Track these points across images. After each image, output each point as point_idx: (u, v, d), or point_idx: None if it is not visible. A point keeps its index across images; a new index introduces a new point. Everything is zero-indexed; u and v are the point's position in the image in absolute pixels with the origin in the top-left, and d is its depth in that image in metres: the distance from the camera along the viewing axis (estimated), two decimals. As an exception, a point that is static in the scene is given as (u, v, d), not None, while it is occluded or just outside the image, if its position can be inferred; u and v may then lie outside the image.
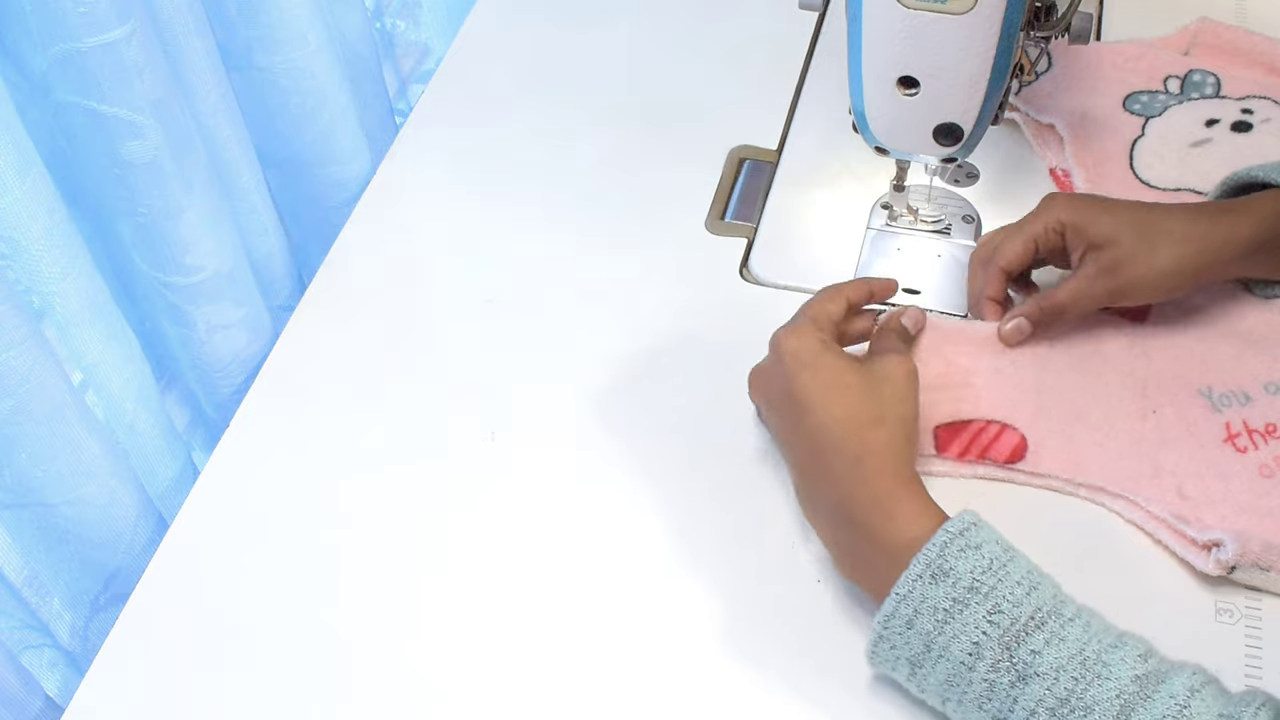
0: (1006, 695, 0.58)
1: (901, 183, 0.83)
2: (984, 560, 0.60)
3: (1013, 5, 0.69)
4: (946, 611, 0.59)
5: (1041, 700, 0.57)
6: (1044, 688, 0.57)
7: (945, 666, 0.59)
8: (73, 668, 0.77)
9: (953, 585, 0.59)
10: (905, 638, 0.60)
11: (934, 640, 0.59)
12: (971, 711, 0.59)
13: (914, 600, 0.60)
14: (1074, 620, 0.59)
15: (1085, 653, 0.57)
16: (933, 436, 0.73)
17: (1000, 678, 0.58)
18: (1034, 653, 0.58)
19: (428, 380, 0.80)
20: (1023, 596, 0.59)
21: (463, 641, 0.68)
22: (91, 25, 0.65)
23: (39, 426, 0.68)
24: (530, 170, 0.92)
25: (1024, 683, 0.57)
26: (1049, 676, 0.57)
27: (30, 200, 0.65)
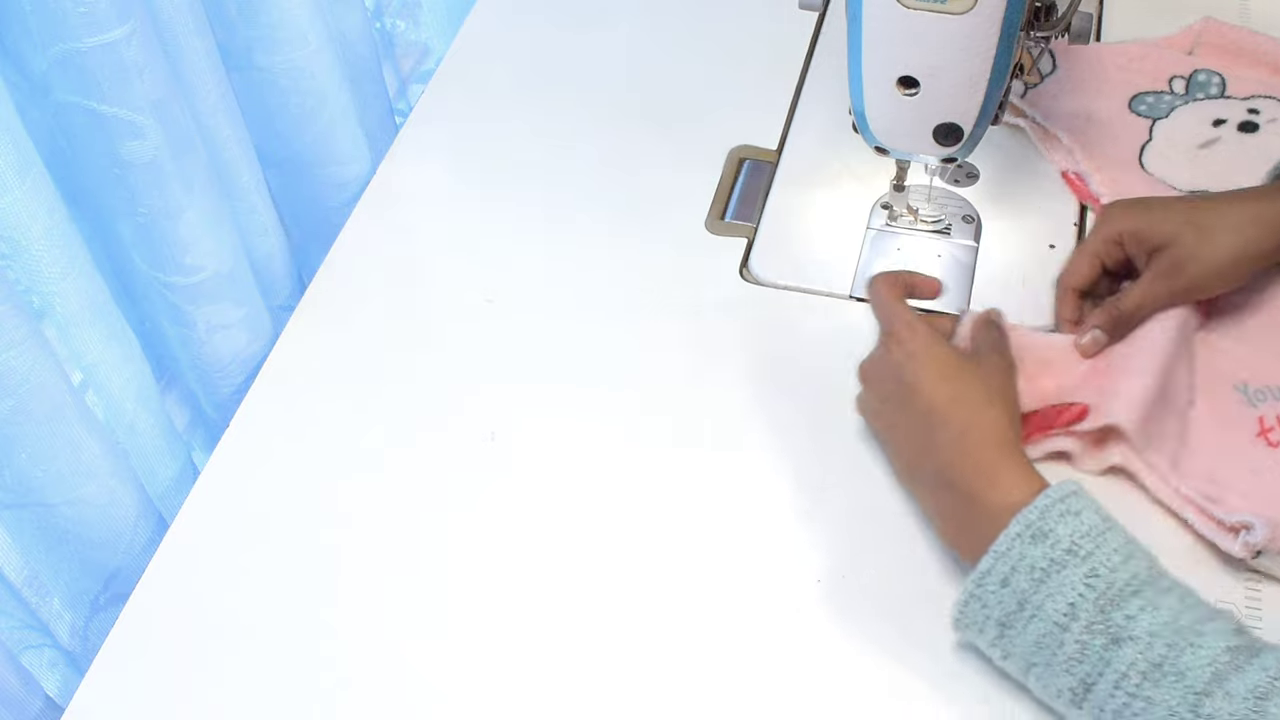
0: (1099, 658, 0.58)
1: (901, 183, 0.83)
2: (1083, 525, 0.61)
3: (1013, 5, 0.69)
4: (1044, 571, 0.60)
5: (1134, 664, 0.57)
6: (1137, 651, 0.57)
7: (1038, 627, 0.60)
8: (73, 668, 0.77)
9: (1051, 546, 0.60)
10: (999, 596, 0.61)
11: (1029, 599, 0.60)
12: (1059, 675, 0.60)
13: (1012, 558, 0.61)
14: (1170, 590, 0.59)
15: (1180, 621, 0.58)
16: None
17: (1094, 640, 0.58)
18: (1129, 617, 0.58)
19: (428, 380, 0.80)
20: (1120, 563, 0.60)
21: (463, 641, 0.68)
22: (91, 25, 0.65)
23: (39, 426, 0.68)
24: (530, 170, 0.92)
25: (1117, 645, 0.58)
26: (1142, 641, 0.58)
27: (30, 200, 0.65)
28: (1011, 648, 0.62)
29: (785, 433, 0.76)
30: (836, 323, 0.81)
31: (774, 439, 0.76)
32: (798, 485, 0.73)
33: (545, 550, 0.71)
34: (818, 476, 0.74)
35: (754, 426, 0.76)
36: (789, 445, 0.75)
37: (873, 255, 0.85)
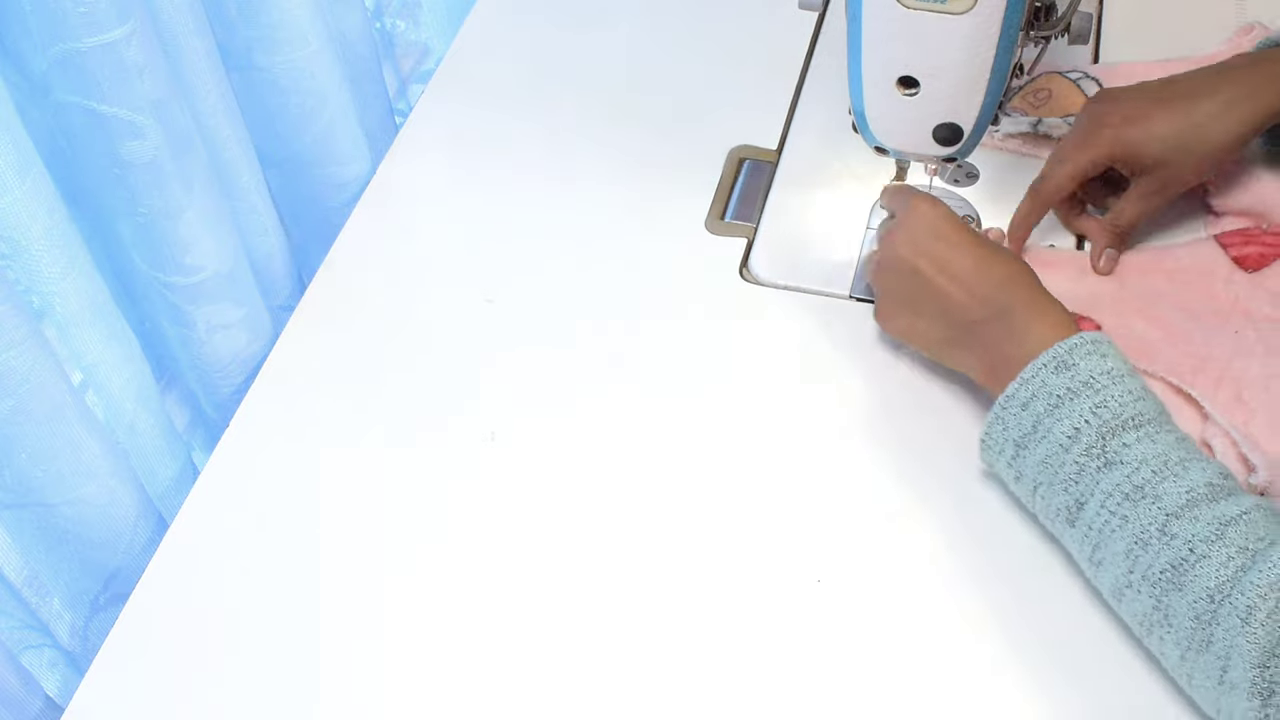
0: (1091, 479, 0.63)
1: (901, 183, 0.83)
2: (1105, 365, 0.65)
3: (1013, 5, 0.69)
4: (1059, 398, 0.65)
5: (1119, 485, 0.62)
6: (1124, 474, 0.62)
7: (1045, 448, 0.65)
8: (73, 668, 0.77)
9: (1071, 377, 0.65)
10: (1018, 418, 0.66)
11: (1041, 421, 0.65)
12: (1058, 494, 0.65)
13: (1034, 384, 0.66)
14: (1169, 432, 0.64)
15: (1170, 456, 0.62)
16: None
17: (1090, 462, 0.63)
18: (1125, 445, 0.63)
19: (427, 380, 0.80)
20: (1129, 401, 0.64)
21: (463, 641, 0.68)
22: (91, 25, 0.65)
23: (39, 426, 0.68)
24: (530, 170, 0.92)
25: (1108, 468, 0.63)
26: (1130, 465, 0.62)
27: (30, 200, 0.65)
28: (1023, 467, 0.66)
29: (785, 432, 0.76)
30: (836, 323, 0.81)
31: (774, 438, 0.76)
32: (798, 485, 0.73)
33: (546, 550, 0.71)
34: (818, 476, 0.74)
35: (754, 426, 0.76)
36: (789, 444, 0.75)
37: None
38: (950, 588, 0.69)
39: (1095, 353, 0.66)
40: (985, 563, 0.69)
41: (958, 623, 0.67)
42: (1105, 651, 0.66)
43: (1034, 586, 0.68)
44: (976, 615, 0.68)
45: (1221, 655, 0.57)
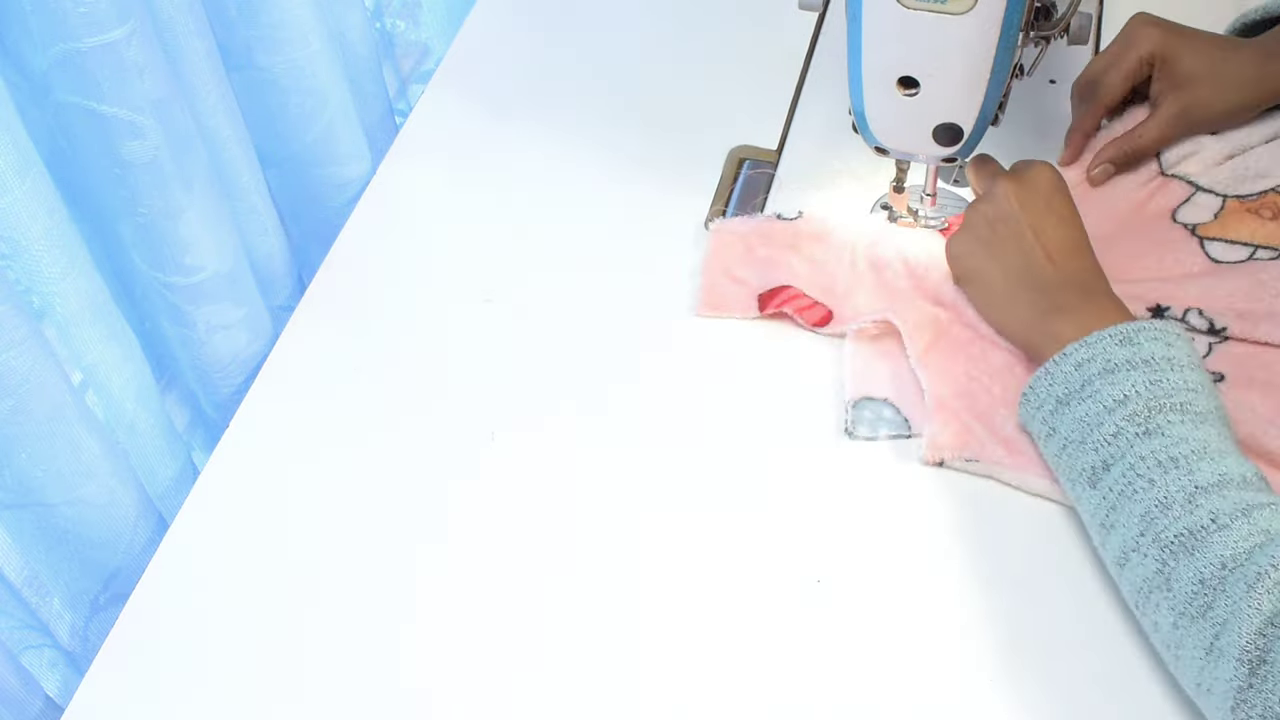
0: (1127, 443, 0.64)
1: (901, 183, 0.83)
2: (1170, 353, 0.66)
3: (1013, 5, 0.69)
4: (1116, 366, 0.66)
5: (1154, 453, 0.62)
6: (1162, 445, 0.63)
7: (1088, 406, 0.66)
8: (73, 668, 0.77)
9: (1133, 353, 0.66)
10: (1068, 375, 0.67)
11: (1091, 381, 0.66)
12: (1087, 453, 0.65)
13: (1095, 348, 0.67)
14: (1216, 425, 0.64)
15: (1210, 444, 0.63)
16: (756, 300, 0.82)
17: (1129, 427, 0.64)
18: (1170, 422, 0.63)
19: (428, 380, 0.80)
20: (1183, 390, 0.65)
21: (463, 641, 0.68)
22: (91, 25, 0.65)
23: (39, 426, 0.68)
24: (530, 170, 0.92)
25: (1147, 437, 0.63)
26: (1170, 439, 0.63)
27: (30, 200, 0.65)
28: (1058, 423, 0.67)
29: (786, 430, 0.76)
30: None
31: (775, 438, 0.76)
32: (799, 483, 0.73)
33: (546, 550, 0.71)
34: (819, 474, 0.74)
35: (755, 426, 0.76)
36: (790, 443, 0.75)
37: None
38: (950, 588, 0.69)
39: (1161, 339, 0.66)
40: (985, 563, 0.69)
41: (958, 624, 0.67)
42: (1106, 654, 0.66)
43: (1033, 587, 0.68)
44: (976, 616, 0.68)
45: (1218, 622, 0.57)
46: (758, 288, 0.82)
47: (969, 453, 0.73)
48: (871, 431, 0.75)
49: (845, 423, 0.75)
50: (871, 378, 0.77)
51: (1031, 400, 0.69)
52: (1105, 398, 0.65)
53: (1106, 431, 0.65)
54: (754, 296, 0.82)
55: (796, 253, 0.84)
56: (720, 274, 0.83)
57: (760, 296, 0.82)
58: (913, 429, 0.75)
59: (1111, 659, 0.65)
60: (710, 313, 0.82)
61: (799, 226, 0.85)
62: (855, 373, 0.77)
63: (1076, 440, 0.66)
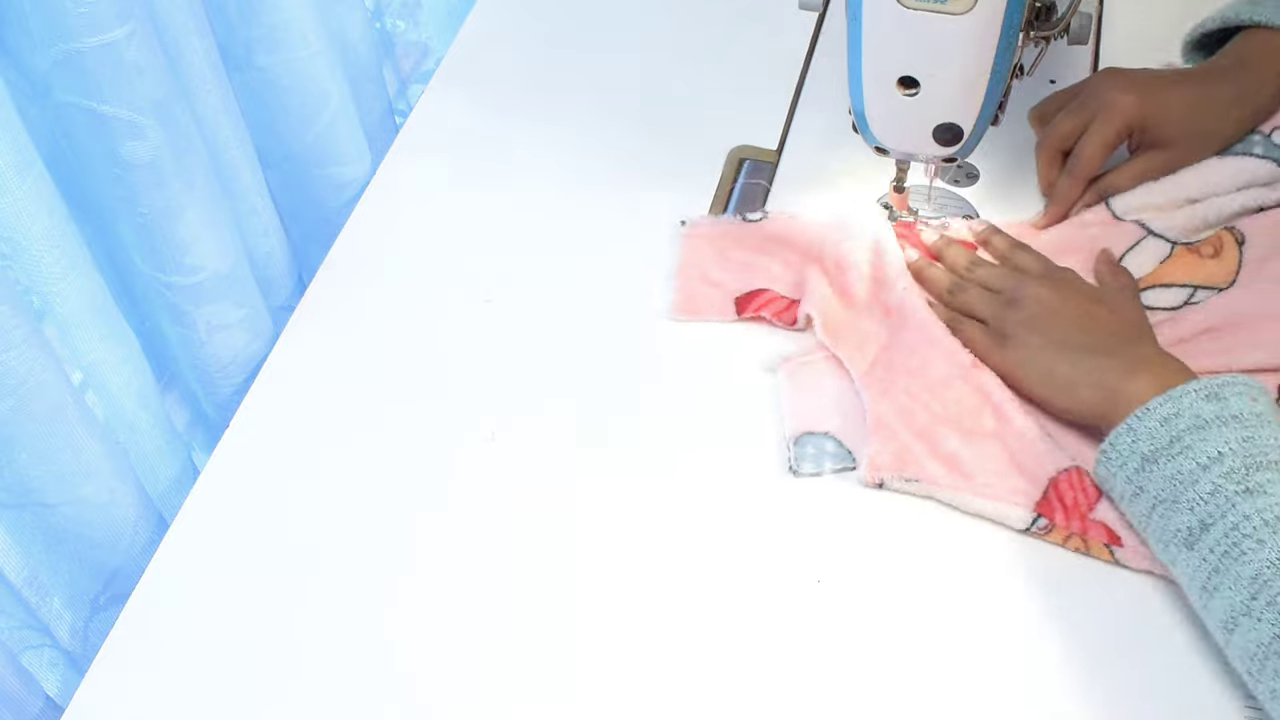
0: (1227, 501, 0.61)
1: (901, 183, 0.83)
2: (1256, 407, 0.64)
3: (1013, 5, 0.69)
4: (1207, 422, 0.63)
5: (1260, 512, 0.60)
6: (1266, 504, 0.60)
7: (1180, 464, 0.63)
8: (73, 668, 0.77)
9: (1221, 408, 0.64)
10: (1154, 432, 0.65)
11: (1182, 436, 0.64)
12: (1181, 513, 0.63)
13: (1180, 404, 0.65)
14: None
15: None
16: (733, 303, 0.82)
17: (1228, 485, 0.61)
18: (1269, 480, 0.61)
19: (427, 380, 0.80)
20: (1275, 445, 0.63)
21: (463, 641, 0.68)
22: (91, 25, 0.65)
23: (39, 426, 0.68)
24: (530, 170, 0.92)
25: (1249, 495, 0.61)
26: (1274, 498, 0.60)
27: (30, 200, 0.65)
28: (1146, 482, 0.64)
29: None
30: (836, 323, 0.81)
31: (775, 437, 0.76)
32: (799, 484, 0.73)
33: (546, 550, 0.71)
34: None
35: (755, 425, 0.76)
36: (789, 445, 0.75)
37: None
38: (959, 587, 0.69)
39: (1246, 394, 0.65)
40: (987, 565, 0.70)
41: (958, 624, 0.67)
42: (1107, 657, 0.66)
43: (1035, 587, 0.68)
44: (977, 616, 0.68)
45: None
46: (734, 290, 0.82)
47: (908, 472, 0.71)
48: (816, 466, 0.73)
49: (789, 460, 0.74)
50: (809, 412, 0.75)
51: (1113, 458, 0.66)
52: (1199, 454, 0.63)
53: (1203, 490, 0.62)
54: (730, 299, 0.82)
55: (769, 255, 0.84)
56: (695, 277, 0.83)
57: (737, 300, 0.82)
58: (857, 461, 0.73)
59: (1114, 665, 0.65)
60: (685, 316, 0.82)
61: (764, 228, 0.85)
62: (793, 409, 0.75)
63: (1169, 499, 0.63)
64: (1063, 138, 0.83)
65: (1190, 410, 0.64)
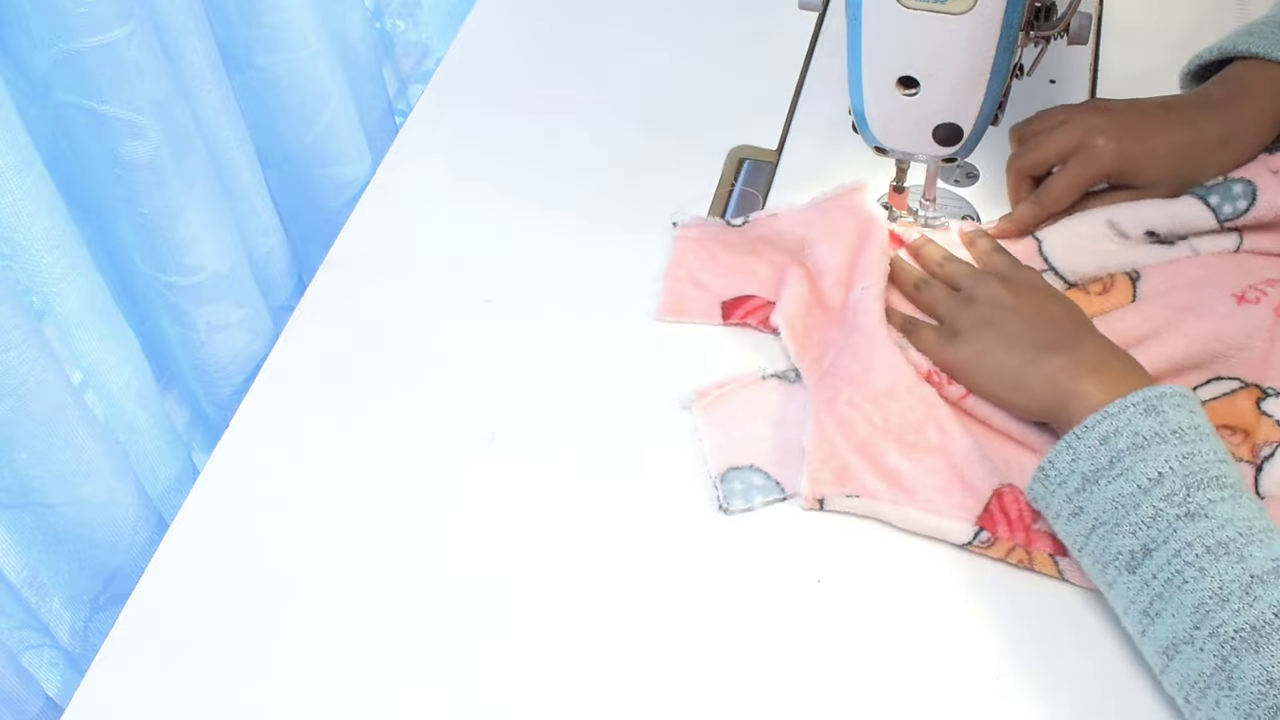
0: (1169, 526, 0.61)
1: (901, 183, 0.83)
2: (1194, 420, 0.64)
3: (1013, 5, 0.69)
4: (1145, 439, 0.63)
5: (1201, 538, 0.60)
6: (1208, 529, 0.60)
7: (1120, 486, 0.62)
8: (73, 668, 0.77)
9: (1160, 423, 0.63)
10: (1093, 451, 0.64)
11: (1121, 457, 0.63)
12: (1123, 537, 0.62)
13: (1119, 420, 0.64)
14: (1254, 502, 0.62)
15: (1256, 522, 0.60)
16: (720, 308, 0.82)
17: (1170, 509, 0.61)
18: (1210, 501, 0.61)
19: (427, 380, 0.80)
20: (1215, 461, 0.62)
21: (463, 641, 0.68)
22: (91, 25, 0.65)
23: (39, 426, 0.68)
24: (530, 170, 0.92)
25: (1190, 519, 0.60)
26: (1215, 521, 0.60)
27: (30, 200, 0.65)
28: (1086, 503, 0.64)
29: (785, 433, 0.76)
30: (836, 323, 0.81)
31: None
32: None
33: (545, 550, 0.71)
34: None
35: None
36: (789, 445, 0.75)
37: (873, 255, 0.85)
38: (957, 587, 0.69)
39: (1184, 406, 0.64)
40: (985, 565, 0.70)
41: (958, 624, 0.67)
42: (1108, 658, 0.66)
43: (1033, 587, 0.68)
44: (976, 616, 0.68)
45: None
46: (721, 294, 0.82)
47: (849, 488, 0.71)
48: (746, 502, 0.72)
49: (718, 500, 0.72)
50: (732, 446, 0.74)
51: (1051, 476, 0.66)
52: (1138, 476, 0.62)
53: (1144, 514, 0.61)
54: (717, 303, 0.82)
55: (756, 256, 0.84)
56: (684, 279, 0.83)
57: (724, 304, 0.82)
58: (786, 490, 0.72)
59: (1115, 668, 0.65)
60: (671, 317, 0.82)
61: (749, 232, 0.85)
62: (714, 445, 0.74)
63: (1110, 523, 0.63)
64: (1035, 165, 0.82)
65: (1129, 427, 0.63)
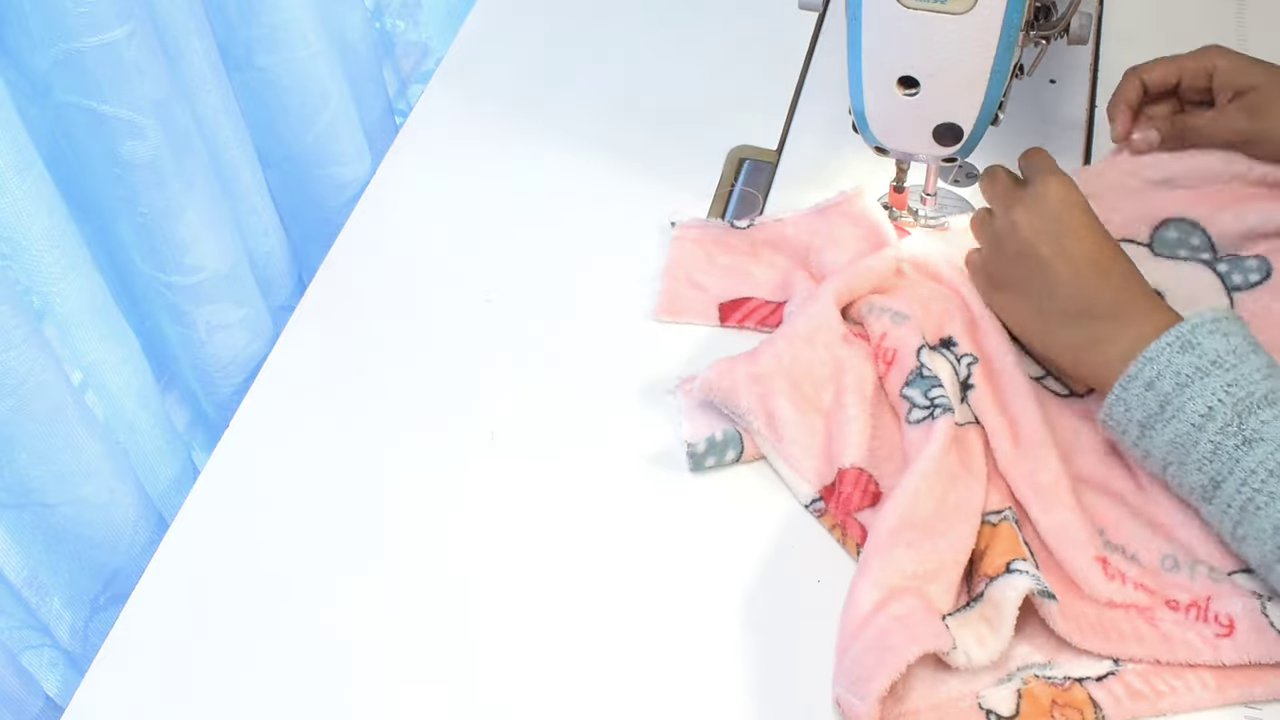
0: (1230, 457, 0.63)
1: (901, 183, 0.83)
2: (1230, 344, 0.65)
3: (1013, 5, 0.69)
4: (1188, 377, 0.64)
5: (1263, 462, 0.62)
6: (1267, 452, 0.62)
7: (1175, 427, 0.64)
8: (73, 668, 0.77)
9: (1198, 357, 0.64)
10: (1142, 398, 0.65)
11: (1170, 400, 0.64)
12: (1191, 473, 0.64)
13: (1159, 364, 0.65)
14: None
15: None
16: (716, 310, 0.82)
17: (1227, 440, 0.63)
18: (1263, 423, 0.62)
19: (427, 380, 0.80)
20: (1260, 379, 0.64)
21: (462, 642, 0.68)
22: (91, 25, 0.65)
23: (39, 426, 0.68)
24: (530, 170, 0.92)
25: (1249, 446, 0.62)
26: (1273, 443, 0.62)
27: (30, 200, 0.65)
28: (1150, 447, 0.66)
29: (785, 433, 0.76)
30: (836, 323, 0.81)
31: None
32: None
33: (545, 550, 0.71)
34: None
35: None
36: (789, 445, 0.75)
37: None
38: (950, 588, 0.69)
39: (1219, 331, 0.65)
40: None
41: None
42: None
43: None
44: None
45: None
46: (718, 296, 0.82)
47: (738, 405, 0.72)
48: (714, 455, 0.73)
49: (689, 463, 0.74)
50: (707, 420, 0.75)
51: (1113, 425, 0.68)
52: (1190, 414, 0.64)
53: (1204, 450, 0.63)
54: (714, 305, 0.82)
55: (755, 259, 0.84)
56: (681, 280, 0.83)
57: (721, 306, 0.82)
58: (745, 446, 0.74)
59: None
60: (668, 317, 0.82)
61: (754, 235, 0.85)
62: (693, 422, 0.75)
63: (1177, 462, 0.65)
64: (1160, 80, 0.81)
65: (1170, 368, 0.65)
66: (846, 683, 0.62)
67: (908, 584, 0.65)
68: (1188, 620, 0.65)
